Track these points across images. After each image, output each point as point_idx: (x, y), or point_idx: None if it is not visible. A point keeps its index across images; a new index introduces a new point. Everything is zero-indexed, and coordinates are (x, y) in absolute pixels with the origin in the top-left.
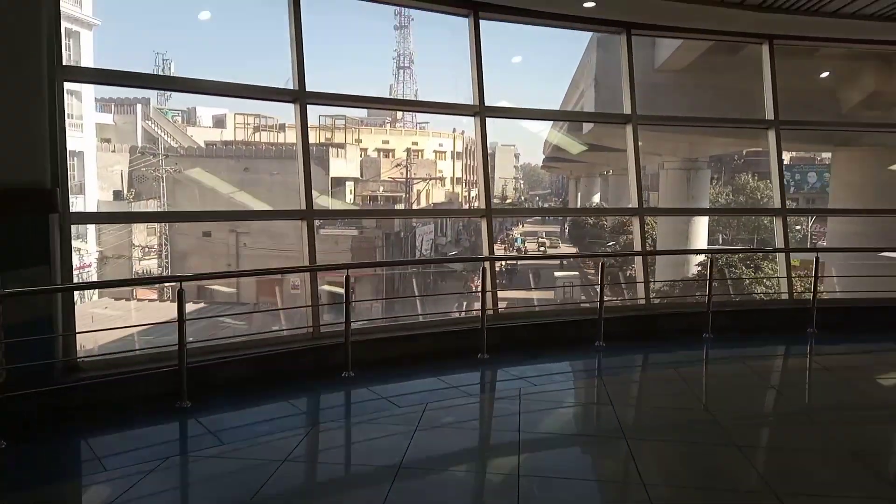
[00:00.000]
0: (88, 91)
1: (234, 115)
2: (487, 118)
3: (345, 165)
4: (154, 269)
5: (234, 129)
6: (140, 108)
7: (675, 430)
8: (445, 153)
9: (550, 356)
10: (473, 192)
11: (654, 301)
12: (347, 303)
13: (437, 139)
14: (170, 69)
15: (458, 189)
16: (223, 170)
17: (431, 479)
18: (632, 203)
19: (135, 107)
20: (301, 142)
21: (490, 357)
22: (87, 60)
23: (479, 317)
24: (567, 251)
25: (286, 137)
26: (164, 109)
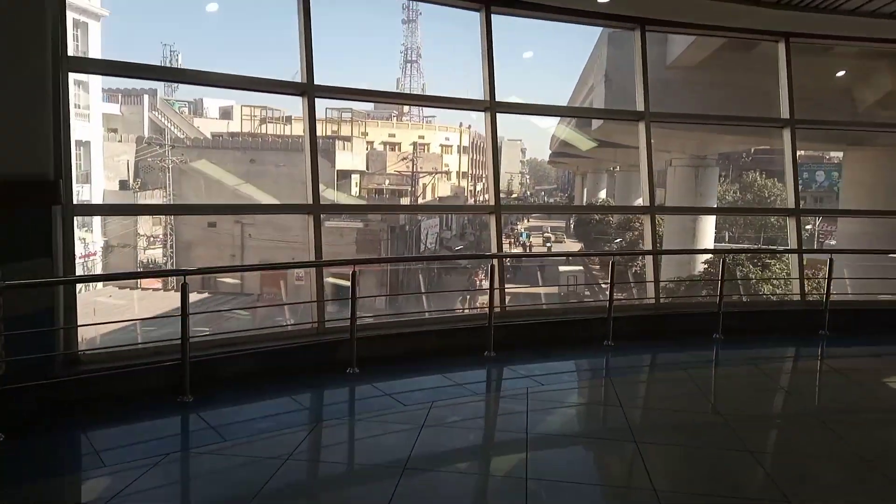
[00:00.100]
0: (95, 81)
1: (241, 107)
2: (498, 113)
3: (351, 158)
4: (159, 259)
5: (241, 121)
6: (147, 99)
7: (686, 434)
8: (452, 147)
9: (558, 355)
10: (479, 187)
11: (664, 300)
12: (353, 298)
13: (444, 133)
14: (177, 61)
15: (464, 183)
16: (229, 161)
17: (438, 479)
18: (643, 201)
19: (142, 97)
20: (309, 135)
21: (497, 355)
22: (95, 51)
23: (486, 314)
24: (572, 247)
25: (292, 129)
26: (171, 100)
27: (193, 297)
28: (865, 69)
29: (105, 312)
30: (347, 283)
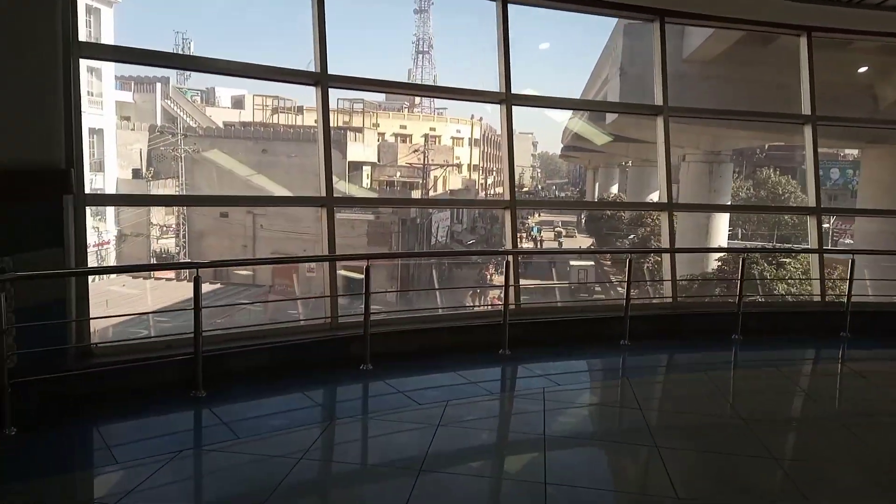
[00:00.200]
0: (108, 69)
1: (253, 97)
2: (513, 106)
3: (362, 150)
4: (171, 249)
5: (253, 111)
6: (160, 87)
7: (705, 437)
8: (463, 140)
9: (574, 354)
10: (490, 180)
11: (681, 299)
12: (367, 294)
13: (455, 125)
14: (189, 48)
15: (476, 176)
16: (241, 151)
17: (455, 481)
18: (660, 197)
19: (154, 85)
20: (322, 126)
21: (512, 353)
22: (108, 37)
23: (501, 311)
24: (583, 241)
25: (304, 120)
26: (184, 89)
27: (206, 288)
28: (887, 65)
29: (118, 302)
30: (359, 276)
